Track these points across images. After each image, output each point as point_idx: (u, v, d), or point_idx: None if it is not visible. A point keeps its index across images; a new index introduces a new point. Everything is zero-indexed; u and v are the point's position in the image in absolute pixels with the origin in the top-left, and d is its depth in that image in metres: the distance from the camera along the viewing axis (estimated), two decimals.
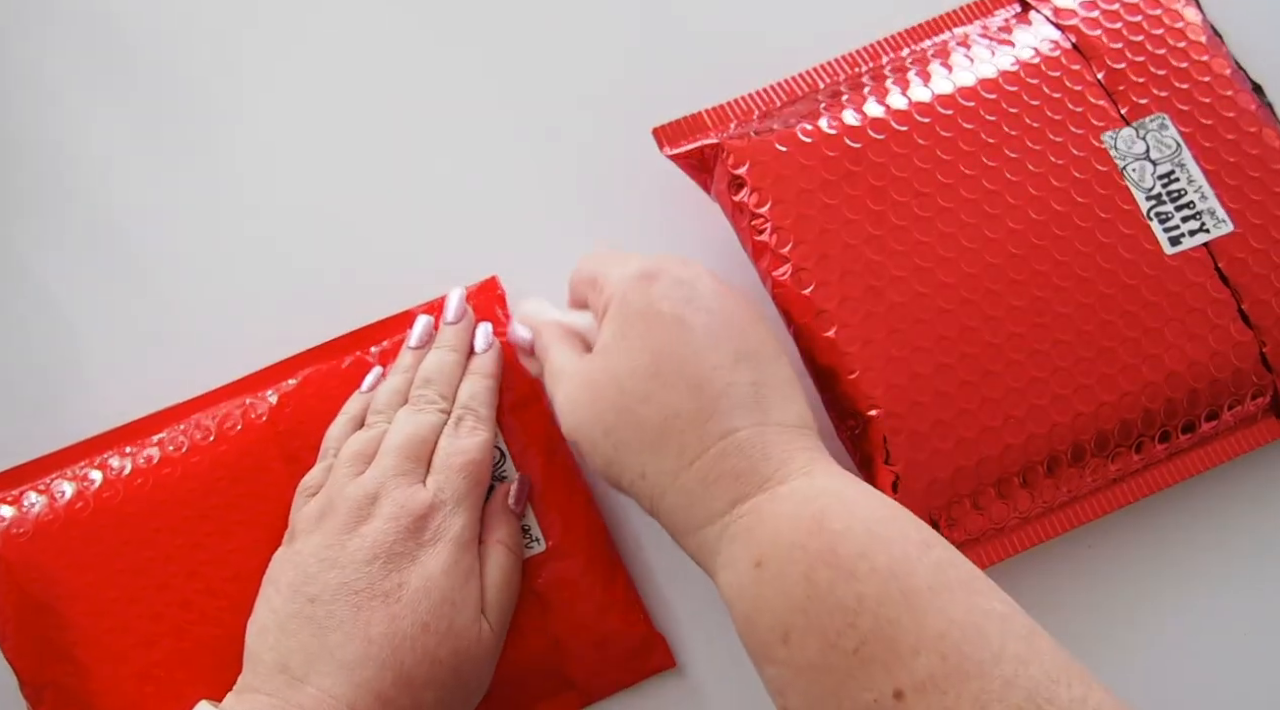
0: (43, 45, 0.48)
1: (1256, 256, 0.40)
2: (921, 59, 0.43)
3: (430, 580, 0.35)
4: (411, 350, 0.41)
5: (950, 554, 0.30)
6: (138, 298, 0.45)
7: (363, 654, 0.33)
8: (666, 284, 0.34)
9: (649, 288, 0.34)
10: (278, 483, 0.40)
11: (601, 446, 0.34)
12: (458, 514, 0.37)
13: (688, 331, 0.33)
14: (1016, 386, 0.38)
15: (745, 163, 0.40)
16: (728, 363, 0.33)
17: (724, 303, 0.34)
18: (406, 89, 0.47)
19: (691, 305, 0.34)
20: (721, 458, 0.32)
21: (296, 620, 0.34)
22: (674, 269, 0.35)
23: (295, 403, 0.41)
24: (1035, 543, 0.39)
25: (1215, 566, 0.42)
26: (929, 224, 0.39)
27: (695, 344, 0.33)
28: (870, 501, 0.31)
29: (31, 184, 0.47)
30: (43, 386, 0.44)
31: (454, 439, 0.38)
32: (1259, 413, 0.41)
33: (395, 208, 0.46)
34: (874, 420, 0.38)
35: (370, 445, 0.38)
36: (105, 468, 0.40)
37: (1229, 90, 0.41)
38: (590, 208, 0.46)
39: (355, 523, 0.36)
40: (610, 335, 0.34)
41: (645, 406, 0.33)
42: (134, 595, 0.39)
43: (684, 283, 0.34)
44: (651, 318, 0.33)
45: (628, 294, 0.34)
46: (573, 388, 0.35)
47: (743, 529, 0.31)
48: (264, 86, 0.48)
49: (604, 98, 0.47)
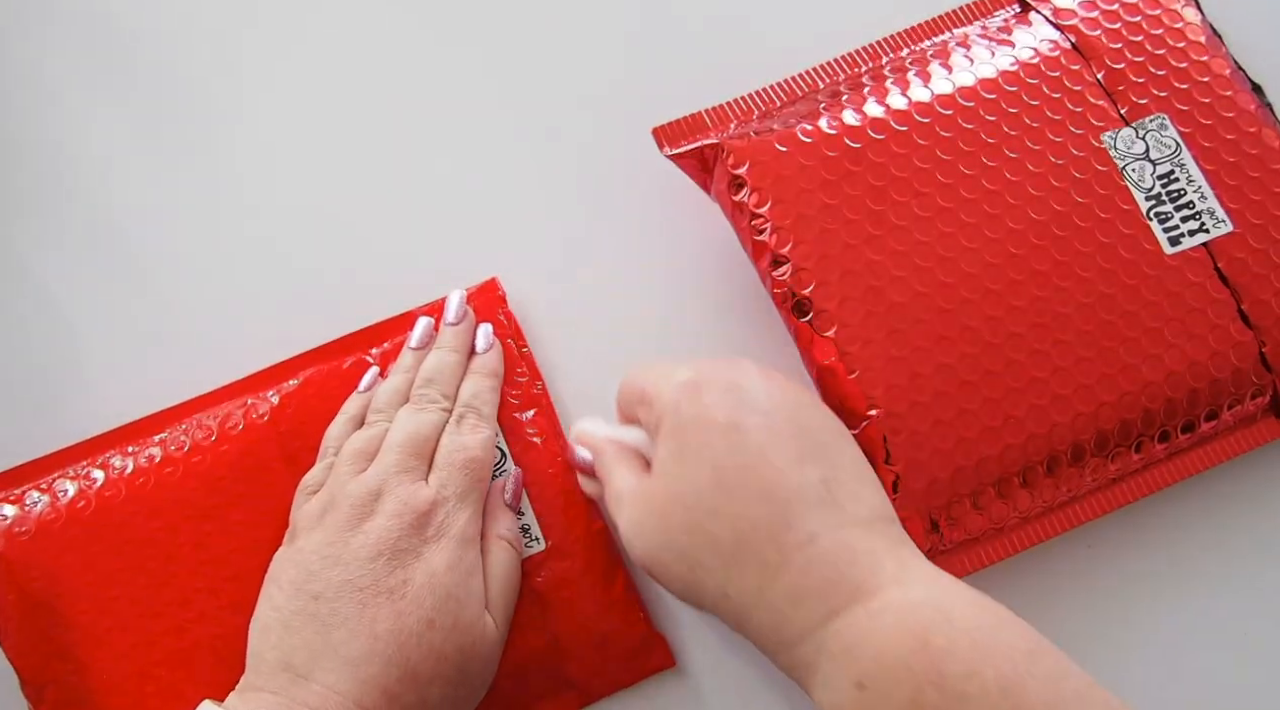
0: (43, 45, 0.48)
1: (1256, 256, 0.40)
2: (921, 59, 0.43)
3: (435, 576, 0.35)
4: (412, 351, 0.41)
5: (1060, 662, 0.29)
6: (138, 297, 0.45)
7: (368, 650, 0.33)
8: (716, 391, 0.33)
9: (699, 398, 0.33)
10: (279, 482, 0.40)
11: (676, 570, 0.32)
12: (460, 510, 0.37)
13: (745, 436, 0.32)
14: (1016, 386, 0.38)
15: (745, 163, 0.40)
16: (793, 462, 0.32)
17: (778, 398, 0.33)
18: (406, 89, 0.47)
19: (744, 408, 0.33)
20: (807, 569, 0.31)
21: (300, 618, 0.34)
22: (721, 374, 0.34)
23: (296, 403, 0.41)
24: (1035, 542, 0.39)
25: (1215, 566, 0.42)
26: (929, 224, 0.39)
27: (756, 448, 0.32)
28: (970, 609, 0.30)
29: (31, 183, 0.47)
30: (43, 386, 0.44)
31: (456, 436, 0.39)
32: (1259, 412, 0.41)
33: (395, 208, 0.46)
34: (874, 420, 0.38)
35: (372, 443, 0.38)
36: (107, 467, 0.40)
37: (1228, 90, 0.41)
38: (590, 208, 0.46)
39: (358, 520, 0.36)
40: (667, 452, 0.33)
41: (715, 522, 0.31)
42: (135, 594, 0.39)
43: (733, 387, 0.33)
44: (707, 429, 0.32)
45: (679, 407, 0.33)
46: (636, 512, 0.34)
47: (840, 647, 0.30)
48: (264, 86, 0.48)
49: (604, 98, 0.47)
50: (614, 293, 0.44)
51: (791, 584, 0.31)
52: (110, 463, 0.41)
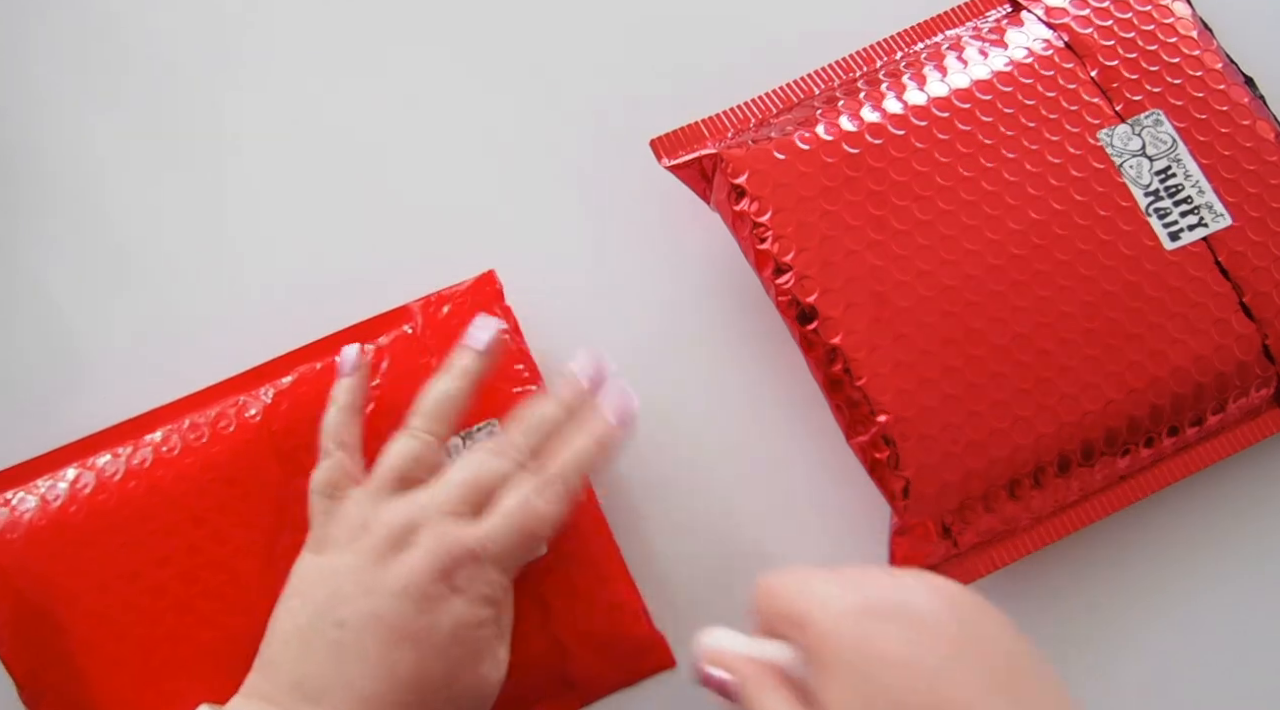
0: (42, 45, 0.48)
1: (1256, 249, 0.40)
2: (915, 62, 0.43)
3: (462, 628, 0.34)
4: (476, 353, 0.38)
5: None
6: (130, 296, 0.45)
7: (384, 691, 0.33)
8: (885, 620, 0.30)
9: (870, 629, 0.29)
10: (272, 483, 0.39)
11: None
12: (497, 571, 0.35)
13: (924, 672, 0.29)
14: (1024, 387, 0.38)
15: (745, 172, 0.40)
16: (980, 694, 0.29)
17: (955, 618, 0.30)
18: (407, 97, 0.47)
19: (921, 640, 0.29)
20: None
21: (321, 640, 0.34)
22: (888, 597, 0.30)
23: (290, 401, 0.41)
24: (1048, 542, 0.39)
25: (1215, 566, 0.42)
26: (930, 227, 0.39)
27: (937, 685, 0.29)
28: None
29: (26, 184, 0.46)
30: (35, 387, 0.44)
31: (531, 496, 0.35)
32: (1263, 404, 0.41)
33: (395, 210, 0.46)
34: (882, 426, 0.38)
35: (419, 468, 0.36)
36: (98, 470, 0.40)
37: (1222, 84, 0.42)
38: (593, 224, 0.45)
39: (392, 550, 0.34)
40: (840, 693, 0.29)
41: None
42: (130, 600, 0.38)
43: (904, 612, 0.30)
44: (882, 666, 0.29)
45: (845, 639, 0.29)
46: None
47: None
48: (263, 88, 0.47)
49: (601, 110, 0.47)
50: (617, 306, 0.44)
51: None
52: (100, 466, 0.40)
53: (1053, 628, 0.41)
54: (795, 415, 0.43)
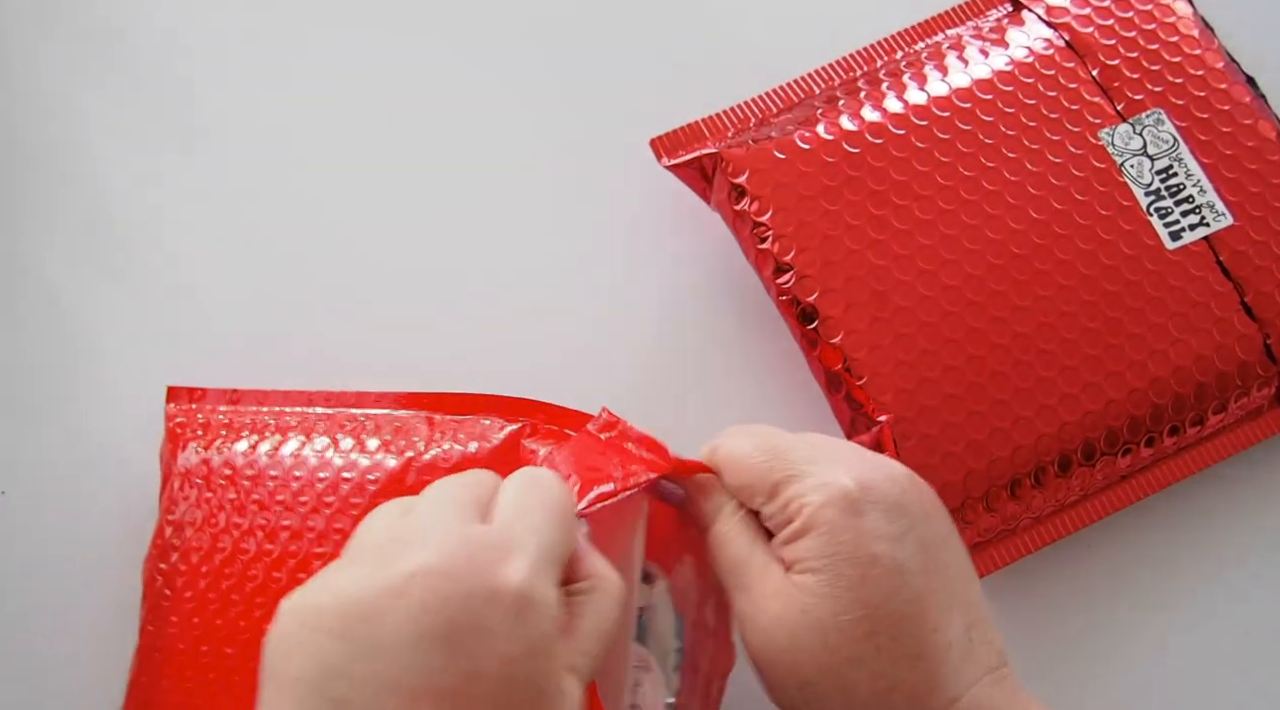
0: (44, 45, 0.48)
1: (1257, 249, 0.40)
2: (916, 62, 0.43)
3: (512, 664, 0.25)
4: None
5: None
6: (134, 294, 0.45)
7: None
8: (878, 517, 0.29)
9: (859, 523, 0.29)
10: None
11: (789, 693, 0.30)
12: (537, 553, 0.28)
13: (907, 585, 0.29)
14: (1024, 387, 0.38)
15: (745, 171, 0.40)
16: (945, 610, 0.29)
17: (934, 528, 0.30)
18: (405, 98, 0.47)
19: (908, 546, 0.29)
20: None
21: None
22: (883, 490, 0.30)
23: None
24: (1049, 541, 0.39)
25: (1216, 566, 0.41)
26: (931, 227, 0.39)
27: (914, 599, 0.29)
28: None
29: (34, 183, 0.46)
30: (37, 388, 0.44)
31: None
32: (1265, 404, 0.41)
33: (395, 213, 0.46)
34: (884, 425, 0.38)
35: None
36: None
37: (1223, 83, 0.42)
38: (593, 223, 0.45)
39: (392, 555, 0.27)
40: (814, 579, 0.29)
41: (855, 671, 0.29)
42: None
43: (897, 512, 0.30)
44: (865, 564, 0.29)
45: (835, 527, 0.29)
46: (769, 622, 0.30)
47: None
48: (262, 89, 0.47)
49: (601, 110, 0.47)
50: (617, 306, 0.44)
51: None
52: None
53: (1053, 627, 0.40)
54: (795, 415, 0.42)
